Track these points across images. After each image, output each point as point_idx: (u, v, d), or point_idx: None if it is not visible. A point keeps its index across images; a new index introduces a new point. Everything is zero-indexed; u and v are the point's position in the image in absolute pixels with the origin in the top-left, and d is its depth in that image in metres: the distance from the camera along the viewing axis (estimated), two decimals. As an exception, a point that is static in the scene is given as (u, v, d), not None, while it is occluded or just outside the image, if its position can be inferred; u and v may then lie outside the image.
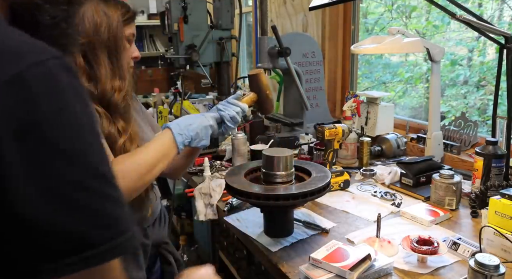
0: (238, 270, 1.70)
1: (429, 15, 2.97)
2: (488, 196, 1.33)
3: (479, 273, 0.93)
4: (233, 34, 2.56)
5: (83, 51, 1.06)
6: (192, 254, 2.63)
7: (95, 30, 1.05)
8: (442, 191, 1.46)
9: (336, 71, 2.68)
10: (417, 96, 3.15)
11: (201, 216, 1.64)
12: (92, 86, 1.06)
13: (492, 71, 2.39)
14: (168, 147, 1.07)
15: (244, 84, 3.82)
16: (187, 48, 2.40)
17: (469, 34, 2.66)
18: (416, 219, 1.38)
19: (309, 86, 2.28)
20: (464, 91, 2.80)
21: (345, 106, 2.06)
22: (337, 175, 1.65)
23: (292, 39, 2.16)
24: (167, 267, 1.30)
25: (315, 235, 1.31)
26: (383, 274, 1.08)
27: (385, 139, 2.03)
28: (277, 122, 2.19)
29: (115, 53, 1.09)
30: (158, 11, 4.69)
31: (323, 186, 1.22)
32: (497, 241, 1.14)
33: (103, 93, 1.07)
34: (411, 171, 1.63)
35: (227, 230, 1.71)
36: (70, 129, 0.48)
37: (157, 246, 1.28)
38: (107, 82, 1.07)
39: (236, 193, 1.22)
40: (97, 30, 1.06)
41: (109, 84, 1.07)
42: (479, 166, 1.46)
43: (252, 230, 1.36)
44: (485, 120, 2.37)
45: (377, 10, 3.25)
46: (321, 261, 1.07)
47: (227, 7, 2.46)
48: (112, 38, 1.08)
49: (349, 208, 1.50)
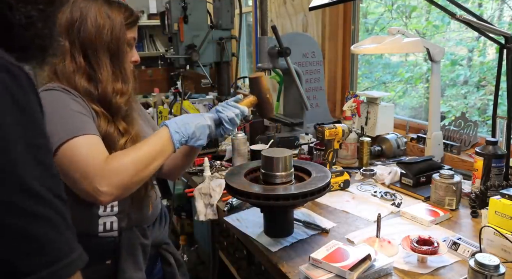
0: (238, 270, 1.70)
1: (429, 15, 2.97)
2: (488, 196, 1.33)
3: (479, 273, 0.93)
4: (233, 34, 2.56)
5: (84, 51, 1.06)
6: (192, 254, 2.63)
7: (97, 32, 1.06)
8: (442, 191, 1.46)
9: (336, 71, 2.68)
10: (417, 96, 3.15)
11: (201, 216, 1.64)
12: (92, 87, 1.07)
13: (492, 71, 2.39)
14: (165, 144, 1.07)
15: (244, 84, 3.82)
16: (187, 48, 2.40)
17: (469, 34, 2.66)
18: (416, 219, 1.38)
19: (309, 86, 2.28)
20: (464, 91, 2.80)
21: (345, 106, 2.06)
22: (337, 175, 1.65)
23: (292, 39, 2.16)
24: (167, 268, 1.29)
25: (315, 235, 1.31)
26: (383, 274, 1.08)
27: (385, 139, 2.03)
28: (277, 122, 2.19)
29: (117, 56, 1.10)
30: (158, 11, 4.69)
31: (323, 186, 1.22)
32: (497, 241, 1.14)
33: (105, 95, 1.08)
34: (411, 171, 1.63)
35: (227, 230, 1.71)
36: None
37: (158, 246, 1.28)
38: (108, 85, 1.08)
39: (236, 193, 1.22)
40: (100, 32, 1.06)
41: (110, 87, 1.08)
42: (479, 166, 1.46)
43: (252, 230, 1.36)
44: (485, 120, 2.37)
45: (377, 10, 3.25)
46: (321, 261, 1.07)
47: (227, 7, 2.46)
48: (115, 41, 1.09)
49: (349, 208, 1.50)
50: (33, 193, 0.46)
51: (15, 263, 0.43)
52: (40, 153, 0.48)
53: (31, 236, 0.45)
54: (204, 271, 2.40)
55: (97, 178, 0.94)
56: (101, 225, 1.12)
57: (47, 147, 0.51)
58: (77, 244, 0.51)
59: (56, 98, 1.02)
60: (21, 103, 0.46)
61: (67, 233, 0.49)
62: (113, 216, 1.13)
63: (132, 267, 1.13)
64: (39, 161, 0.47)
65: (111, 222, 1.13)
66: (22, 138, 0.46)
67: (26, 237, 0.44)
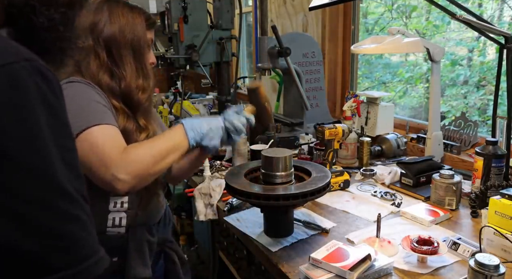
0: (238, 270, 1.70)
1: (429, 15, 2.97)
2: (488, 196, 1.33)
3: (479, 273, 0.93)
4: (233, 34, 2.56)
5: (107, 48, 1.11)
6: (192, 254, 2.63)
7: (120, 30, 1.12)
8: (442, 191, 1.46)
9: (336, 71, 2.68)
10: (417, 96, 3.15)
11: (201, 216, 1.64)
12: (114, 83, 1.11)
13: (492, 71, 2.39)
14: (181, 139, 1.09)
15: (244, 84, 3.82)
16: (187, 48, 2.40)
17: (469, 34, 2.66)
18: (416, 219, 1.38)
19: (309, 86, 2.28)
20: (464, 91, 2.81)
21: (345, 106, 2.06)
22: (337, 175, 1.65)
23: (292, 39, 2.16)
24: (171, 266, 1.31)
25: (315, 235, 1.31)
26: (383, 274, 1.08)
27: (385, 139, 2.03)
28: (277, 122, 2.19)
29: (140, 54, 1.16)
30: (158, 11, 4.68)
31: (323, 186, 1.22)
32: (497, 241, 1.14)
33: (128, 91, 1.12)
34: (411, 171, 1.63)
35: (227, 230, 1.71)
36: (29, 142, 0.44)
37: (162, 244, 1.29)
38: (132, 81, 1.13)
39: (236, 193, 1.22)
40: (123, 31, 1.12)
41: (134, 83, 1.13)
42: (479, 166, 1.46)
43: (252, 230, 1.36)
44: (485, 120, 2.38)
45: (377, 10, 3.25)
46: (321, 261, 1.07)
47: (227, 7, 2.46)
48: (137, 39, 1.14)
49: (349, 208, 1.50)
50: (65, 193, 0.47)
51: (47, 259, 0.45)
52: (68, 155, 0.50)
53: (63, 234, 0.46)
54: (204, 271, 2.40)
55: (115, 166, 0.95)
56: (110, 220, 1.13)
57: (74, 149, 0.52)
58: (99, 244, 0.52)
59: (79, 89, 1.05)
60: (53, 106, 0.48)
61: (93, 232, 0.51)
62: (123, 212, 1.14)
63: (139, 264, 1.14)
64: (68, 162, 0.49)
65: (120, 218, 1.14)
66: (53, 139, 0.47)
67: (58, 234, 0.46)
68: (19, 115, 0.44)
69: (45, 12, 0.53)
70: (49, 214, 0.46)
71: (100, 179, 0.96)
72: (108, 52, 1.11)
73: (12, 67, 0.45)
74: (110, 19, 1.12)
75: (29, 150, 0.45)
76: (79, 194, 0.49)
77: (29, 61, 0.46)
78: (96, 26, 1.10)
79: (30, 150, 0.45)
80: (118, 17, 1.12)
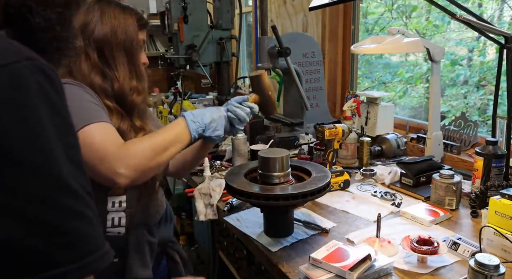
0: (238, 270, 1.70)
1: (429, 15, 2.97)
2: (488, 196, 1.33)
3: (479, 273, 0.93)
4: (233, 34, 2.56)
5: (99, 49, 1.10)
6: (192, 254, 2.63)
7: (112, 31, 1.11)
8: (442, 191, 1.46)
9: (336, 71, 2.68)
10: (417, 96, 3.15)
11: (201, 216, 1.64)
12: (106, 84, 1.11)
13: (492, 71, 2.39)
14: (182, 132, 1.09)
15: (244, 84, 3.82)
16: (187, 48, 2.40)
17: (469, 34, 2.66)
18: (416, 219, 1.38)
19: (309, 86, 2.28)
20: (464, 91, 2.81)
21: (345, 106, 2.06)
22: (337, 175, 1.65)
23: (292, 39, 2.16)
24: (173, 265, 1.31)
25: (315, 235, 1.31)
26: (383, 274, 1.08)
27: (385, 139, 2.03)
28: (277, 122, 2.19)
29: (132, 55, 1.15)
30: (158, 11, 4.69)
31: (323, 186, 1.22)
32: (497, 241, 1.14)
33: (122, 93, 1.12)
34: (411, 171, 1.63)
35: (227, 230, 1.71)
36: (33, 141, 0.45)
37: (163, 244, 1.29)
38: (125, 83, 1.12)
39: (236, 193, 1.22)
40: (115, 32, 1.11)
41: (127, 85, 1.12)
42: (479, 166, 1.46)
43: (252, 230, 1.36)
44: (485, 120, 2.38)
45: (377, 10, 3.25)
46: (321, 261, 1.07)
47: (227, 7, 2.46)
48: (129, 40, 1.13)
49: (349, 208, 1.50)
50: (70, 190, 0.48)
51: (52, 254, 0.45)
52: (73, 152, 0.51)
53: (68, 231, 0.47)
54: (204, 271, 2.40)
55: (115, 160, 0.95)
56: (109, 221, 1.13)
57: (78, 145, 0.53)
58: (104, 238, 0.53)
59: (71, 91, 1.04)
60: (56, 104, 0.48)
61: (99, 228, 0.52)
62: (121, 212, 1.14)
63: (140, 265, 1.14)
64: (73, 159, 0.50)
65: (119, 217, 1.14)
66: (57, 137, 0.48)
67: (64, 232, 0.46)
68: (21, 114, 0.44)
69: (42, 12, 0.53)
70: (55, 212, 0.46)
71: (101, 175, 0.96)
72: (100, 53, 1.10)
73: (14, 67, 0.45)
74: (102, 19, 1.10)
75: (32, 149, 0.45)
76: (85, 191, 0.50)
77: (31, 60, 0.47)
78: (87, 27, 1.09)
79: (33, 149, 0.45)
80: (109, 18, 1.11)
